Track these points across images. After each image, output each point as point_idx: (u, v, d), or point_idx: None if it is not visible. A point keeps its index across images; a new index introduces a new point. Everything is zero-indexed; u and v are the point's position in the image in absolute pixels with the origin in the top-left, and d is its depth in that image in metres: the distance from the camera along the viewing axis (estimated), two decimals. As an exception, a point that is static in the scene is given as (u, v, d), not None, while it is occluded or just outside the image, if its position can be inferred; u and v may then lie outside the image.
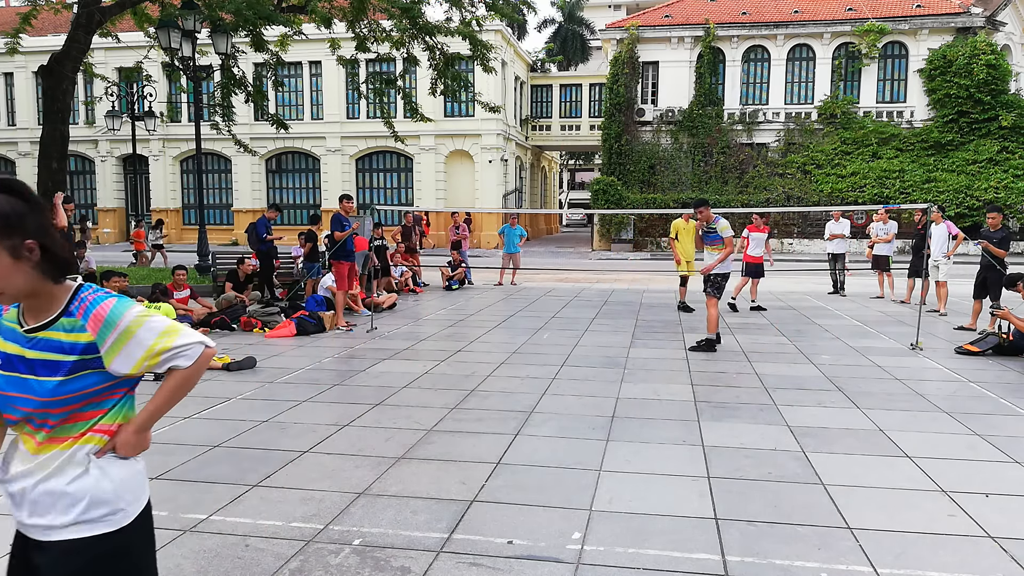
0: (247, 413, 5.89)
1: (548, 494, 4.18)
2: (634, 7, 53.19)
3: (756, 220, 12.93)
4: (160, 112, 25.01)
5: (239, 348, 8.70)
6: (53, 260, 1.77)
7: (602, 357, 8.19)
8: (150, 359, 1.82)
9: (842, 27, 29.39)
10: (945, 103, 28.11)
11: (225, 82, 16.38)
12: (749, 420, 5.72)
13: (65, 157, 13.77)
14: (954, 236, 11.85)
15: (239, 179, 33.50)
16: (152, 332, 1.83)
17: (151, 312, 1.89)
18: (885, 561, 3.38)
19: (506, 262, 16.58)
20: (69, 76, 13.55)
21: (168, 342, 1.84)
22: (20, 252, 1.71)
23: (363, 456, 4.85)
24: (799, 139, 30.00)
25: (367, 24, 15.64)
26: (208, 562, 3.38)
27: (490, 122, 30.53)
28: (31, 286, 1.76)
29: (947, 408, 6.07)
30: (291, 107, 32.55)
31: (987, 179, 27.05)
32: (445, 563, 3.37)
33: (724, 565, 3.35)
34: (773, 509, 3.97)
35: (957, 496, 4.16)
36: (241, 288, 11.60)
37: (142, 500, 1.91)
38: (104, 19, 13.95)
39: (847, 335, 9.73)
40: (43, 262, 1.76)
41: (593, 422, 5.63)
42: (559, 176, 56.30)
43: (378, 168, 33.39)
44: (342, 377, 7.26)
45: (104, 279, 8.86)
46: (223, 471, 4.55)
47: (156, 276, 14.58)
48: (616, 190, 29.39)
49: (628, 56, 30.80)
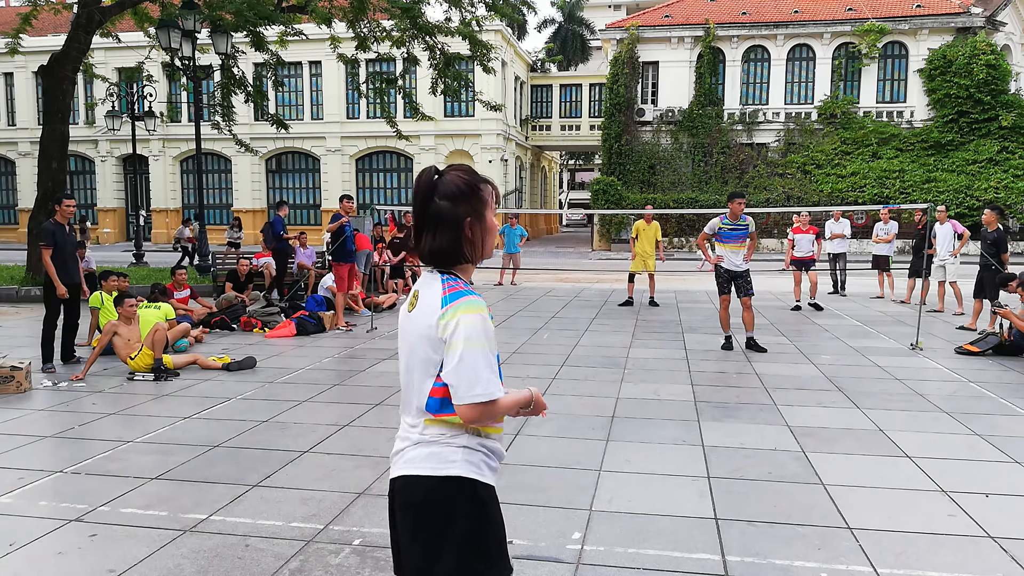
0: (247, 413, 5.89)
1: (548, 494, 4.18)
2: (634, 7, 53.14)
3: (802, 220, 12.88)
4: (160, 112, 24.99)
5: (239, 348, 8.70)
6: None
7: (602, 357, 8.19)
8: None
9: (842, 27, 29.38)
10: (945, 103, 28.10)
11: (225, 82, 16.38)
12: (749, 420, 5.72)
13: (65, 157, 13.78)
14: (959, 235, 11.81)
15: (239, 179, 33.50)
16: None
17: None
18: (885, 561, 3.38)
19: (506, 262, 16.58)
20: (69, 76, 13.55)
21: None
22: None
23: (363, 456, 4.84)
24: (799, 139, 30.00)
25: (367, 24, 15.63)
26: (208, 562, 3.38)
27: (490, 122, 30.53)
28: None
29: (947, 408, 6.07)
30: (291, 107, 32.55)
31: (987, 179, 27.05)
32: (445, 563, 3.36)
33: (724, 565, 3.35)
34: (773, 509, 3.97)
35: (957, 496, 4.16)
36: (241, 288, 11.60)
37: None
38: (104, 19, 13.95)
39: (847, 335, 9.72)
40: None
41: (593, 422, 5.63)
42: (559, 176, 56.29)
43: (378, 168, 33.39)
44: (342, 377, 7.26)
45: (103, 279, 8.86)
46: (223, 471, 4.55)
47: (156, 276, 14.58)
48: (616, 190, 29.39)
49: (628, 56, 30.79)
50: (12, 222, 35.40)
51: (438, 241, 1.87)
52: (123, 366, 7.41)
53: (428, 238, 1.88)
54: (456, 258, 1.89)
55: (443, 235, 1.86)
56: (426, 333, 1.85)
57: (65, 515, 3.90)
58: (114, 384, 6.95)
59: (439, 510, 1.85)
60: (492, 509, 1.90)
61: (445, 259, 1.89)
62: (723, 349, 8.64)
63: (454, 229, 1.86)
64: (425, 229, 1.88)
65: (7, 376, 6.51)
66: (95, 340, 8.34)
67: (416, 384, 1.90)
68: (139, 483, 4.35)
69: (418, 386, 1.89)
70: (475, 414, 1.79)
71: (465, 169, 1.93)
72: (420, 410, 1.89)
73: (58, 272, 7.52)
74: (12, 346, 8.69)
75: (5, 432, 5.40)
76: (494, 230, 1.96)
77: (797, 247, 12.75)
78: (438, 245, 1.87)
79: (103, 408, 6.09)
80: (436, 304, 1.83)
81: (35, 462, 4.75)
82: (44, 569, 3.35)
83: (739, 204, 8.49)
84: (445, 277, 1.88)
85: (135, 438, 5.23)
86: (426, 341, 1.85)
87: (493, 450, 1.93)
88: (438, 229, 1.86)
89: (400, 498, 1.91)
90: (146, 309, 8.08)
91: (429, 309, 1.85)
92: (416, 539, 1.88)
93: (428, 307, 1.86)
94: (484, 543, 1.87)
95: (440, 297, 1.83)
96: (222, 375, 7.32)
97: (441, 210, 1.85)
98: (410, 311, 1.93)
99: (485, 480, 1.89)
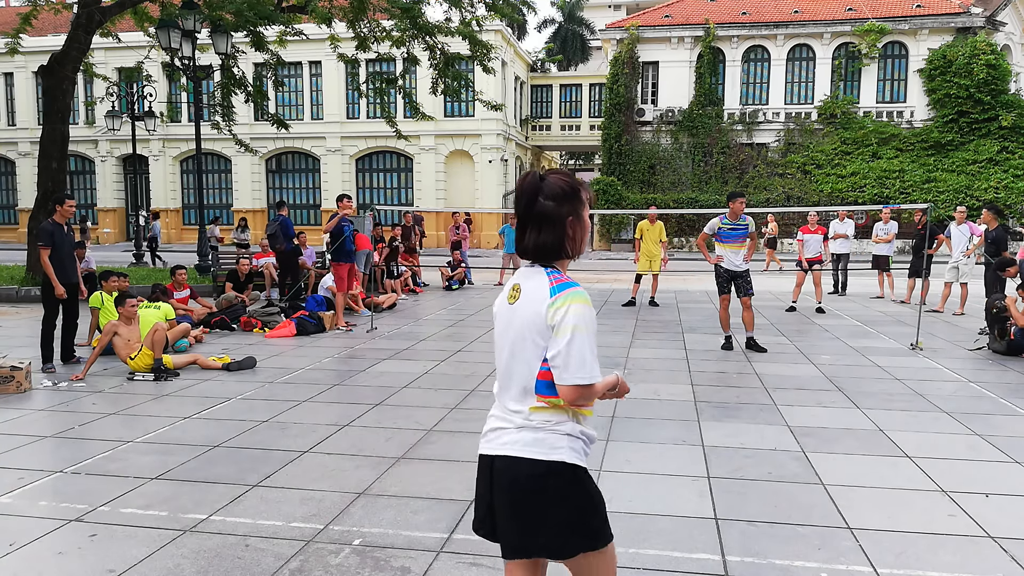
0: (247, 413, 5.89)
1: (548, 494, 4.18)
2: (634, 7, 53.12)
3: (811, 221, 12.87)
4: (160, 112, 24.99)
5: (239, 348, 8.70)
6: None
7: (602, 357, 8.15)
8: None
9: (842, 27, 29.39)
10: (945, 103, 28.11)
11: (225, 82, 16.38)
12: (749, 420, 5.72)
13: (65, 157, 13.78)
14: (977, 236, 11.77)
15: (239, 179, 33.50)
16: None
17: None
18: (885, 561, 3.38)
19: (506, 262, 16.59)
20: (69, 76, 13.55)
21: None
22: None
23: (363, 456, 4.84)
24: (799, 139, 30.01)
25: (367, 24, 15.64)
26: (208, 562, 3.38)
27: (490, 122, 30.53)
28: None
29: (947, 408, 6.07)
30: (291, 107, 32.55)
31: (987, 179, 27.06)
32: (445, 563, 3.37)
33: (724, 565, 3.35)
34: (773, 509, 3.97)
35: (957, 496, 4.16)
36: (241, 288, 11.60)
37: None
38: (104, 19, 13.95)
39: (847, 335, 9.72)
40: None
41: (593, 422, 5.62)
42: (559, 176, 56.17)
43: (378, 168, 33.39)
44: (342, 377, 7.26)
45: (103, 279, 8.86)
46: (223, 471, 4.55)
47: (156, 276, 14.58)
48: (616, 190, 29.40)
49: (628, 56, 30.80)
50: (12, 222, 35.41)
51: (543, 237, 2.05)
52: (123, 366, 7.41)
53: (532, 234, 2.07)
54: (558, 253, 2.08)
55: (547, 232, 2.05)
56: (534, 321, 2.02)
57: (65, 515, 3.90)
58: (114, 384, 6.95)
59: (544, 493, 2.02)
60: (591, 486, 2.10)
61: (548, 254, 2.07)
62: (723, 349, 8.64)
63: (557, 227, 2.04)
64: (529, 226, 2.07)
65: (7, 376, 6.51)
66: (95, 340, 8.34)
67: (521, 369, 2.06)
68: (139, 483, 4.35)
69: (524, 371, 2.05)
70: (576, 395, 1.97)
71: (565, 173, 2.11)
72: (526, 392, 2.05)
73: (56, 272, 7.52)
74: (12, 346, 8.70)
75: (5, 432, 5.40)
76: (588, 229, 2.14)
77: (807, 247, 12.73)
78: (542, 241, 2.06)
79: (103, 408, 6.09)
80: (544, 294, 2.01)
81: (35, 462, 4.75)
82: (44, 569, 3.34)
83: (740, 204, 8.48)
84: (549, 270, 2.07)
85: (135, 438, 5.23)
86: (534, 329, 2.02)
87: (590, 437, 2.15)
88: (543, 227, 2.05)
89: (504, 478, 2.07)
90: (146, 309, 8.08)
91: (537, 299, 2.02)
92: (517, 518, 2.04)
93: (535, 297, 2.03)
94: (584, 520, 2.05)
95: (548, 288, 2.01)
96: (222, 375, 7.32)
97: (546, 209, 2.04)
98: (512, 302, 2.10)
99: (583, 464, 2.09)
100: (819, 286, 12.32)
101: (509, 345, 2.09)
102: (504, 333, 2.12)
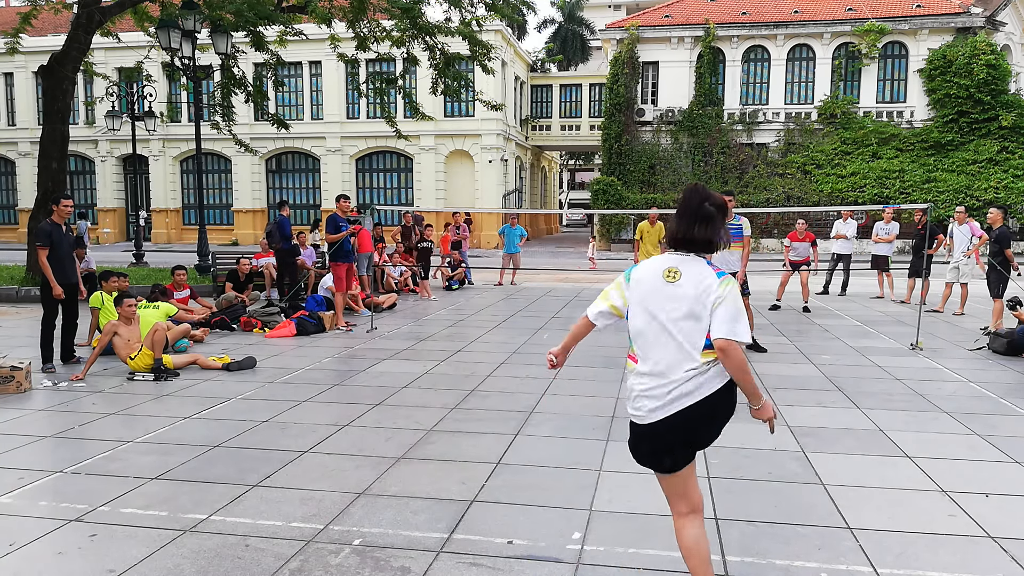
0: (247, 413, 5.89)
1: (548, 494, 4.18)
2: (634, 7, 53.15)
3: (799, 229, 12.74)
4: (160, 112, 24.97)
5: (239, 348, 8.70)
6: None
7: (602, 357, 8.19)
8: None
9: (842, 27, 29.38)
10: (945, 103, 28.10)
11: (225, 82, 16.37)
12: (749, 420, 5.70)
13: (65, 157, 13.77)
14: (978, 237, 11.76)
15: (239, 179, 33.49)
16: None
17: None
18: (885, 561, 3.38)
19: (506, 262, 16.58)
20: (69, 76, 13.54)
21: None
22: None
23: (363, 456, 4.85)
24: (799, 139, 30.00)
25: (367, 24, 15.63)
26: (208, 562, 3.38)
27: (490, 122, 30.53)
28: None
29: (947, 408, 6.07)
30: (291, 107, 32.54)
31: (987, 179, 27.05)
32: (445, 563, 3.37)
33: (724, 565, 3.35)
34: (773, 509, 3.97)
35: (957, 496, 4.16)
36: (241, 288, 11.60)
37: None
38: (104, 19, 13.95)
39: (847, 335, 9.72)
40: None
41: (593, 422, 5.63)
42: (559, 176, 56.29)
43: (378, 168, 33.38)
44: (342, 377, 7.26)
45: (103, 279, 8.86)
46: (223, 471, 4.55)
47: (156, 276, 14.58)
48: (616, 190, 29.39)
49: (628, 56, 30.79)
50: (12, 222, 35.40)
51: (707, 233, 2.77)
52: (123, 366, 7.41)
53: (700, 229, 2.77)
54: (713, 247, 2.81)
55: (710, 230, 2.77)
56: (700, 298, 2.70)
57: (65, 515, 3.90)
58: (114, 384, 6.95)
59: (726, 402, 2.83)
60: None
61: (707, 246, 2.80)
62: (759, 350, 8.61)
63: (716, 226, 2.77)
64: (697, 223, 2.77)
65: (7, 376, 6.51)
66: (95, 340, 8.34)
67: (685, 334, 2.72)
68: (139, 483, 4.35)
69: (687, 336, 2.71)
70: (732, 347, 2.65)
71: (713, 190, 2.96)
72: (695, 349, 2.71)
73: (54, 272, 7.51)
74: (12, 346, 8.70)
75: (5, 432, 5.40)
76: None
77: (793, 252, 12.71)
78: (707, 235, 2.77)
79: (103, 408, 6.09)
80: (711, 280, 2.71)
81: (35, 462, 4.75)
82: (44, 569, 3.35)
83: (730, 203, 8.46)
84: (707, 261, 2.80)
85: (135, 438, 5.23)
86: (699, 304, 2.69)
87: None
88: (709, 225, 2.77)
89: (702, 409, 2.77)
90: (145, 309, 8.08)
91: (702, 282, 2.72)
92: (713, 423, 2.86)
93: (700, 281, 2.72)
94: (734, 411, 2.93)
95: (714, 275, 2.72)
96: (222, 375, 7.32)
97: (710, 212, 2.77)
98: (673, 281, 2.76)
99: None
100: (806, 286, 12.27)
101: (667, 315, 2.76)
102: (663, 304, 2.77)
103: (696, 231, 2.77)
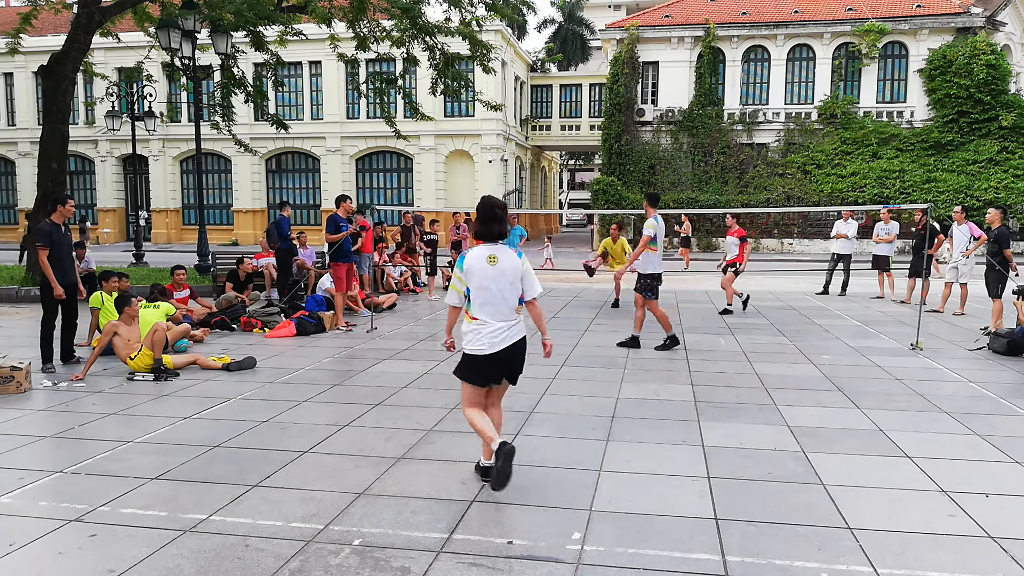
0: (247, 413, 5.89)
1: (548, 494, 4.18)
2: (634, 7, 53.17)
3: (729, 223, 12.33)
4: (160, 112, 24.98)
5: (239, 348, 8.70)
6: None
7: (602, 357, 8.19)
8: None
9: (842, 27, 29.40)
10: (945, 103, 28.11)
11: (225, 82, 16.37)
12: (749, 420, 5.72)
13: (65, 157, 13.77)
14: (976, 237, 11.75)
15: (239, 179, 33.50)
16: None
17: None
18: (885, 561, 3.38)
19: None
20: (69, 76, 13.54)
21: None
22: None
23: (363, 456, 4.85)
24: (799, 139, 30.01)
25: (367, 24, 15.63)
26: (208, 562, 3.38)
27: (490, 122, 30.53)
28: None
29: (947, 408, 6.07)
30: (291, 107, 32.55)
31: (987, 179, 27.06)
32: (445, 563, 3.37)
33: (724, 565, 3.35)
34: (773, 509, 3.97)
35: (957, 496, 4.16)
36: (241, 288, 11.60)
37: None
38: (104, 19, 13.94)
39: (847, 335, 9.72)
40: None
41: (593, 422, 5.63)
42: (559, 176, 56.29)
43: (378, 168, 33.39)
44: (342, 377, 7.26)
45: (103, 280, 8.85)
46: (223, 471, 4.55)
47: (156, 276, 14.58)
48: (616, 190, 29.39)
49: (628, 56, 30.80)
50: (12, 222, 35.40)
51: (500, 228, 4.22)
52: (123, 366, 7.41)
53: (496, 226, 4.21)
54: (503, 236, 4.20)
55: (500, 225, 4.21)
56: (515, 272, 4.22)
57: (65, 515, 3.90)
58: (114, 384, 6.95)
59: (524, 345, 4.27)
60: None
61: (500, 236, 4.23)
62: (670, 347, 8.65)
63: (503, 223, 4.24)
64: (493, 222, 4.20)
65: (7, 376, 6.51)
66: (95, 340, 8.34)
67: (507, 297, 4.20)
68: (139, 483, 4.35)
69: (510, 298, 4.21)
70: (535, 301, 4.32)
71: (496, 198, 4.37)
72: (513, 306, 4.21)
73: (55, 272, 7.51)
74: (12, 346, 8.70)
75: (5, 432, 5.40)
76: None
77: (726, 249, 12.28)
78: (500, 230, 4.22)
79: (103, 408, 6.09)
80: (517, 261, 4.23)
81: (35, 462, 4.75)
82: (44, 569, 3.35)
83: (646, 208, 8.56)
84: (503, 245, 4.21)
85: (135, 438, 5.23)
86: (515, 276, 4.22)
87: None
88: (499, 223, 4.21)
89: (519, 346, 4.24)
90: (145, 309, 8.08)
91: (512, 262, 4.21)
92: (521, 357, 4.28)
93: (510, 261, 4.21)
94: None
95: (515, 256, 4.23)
96: (222, 375, 7.32)
97: (498, 214, 4.20)
98: (494, 264, 4.16)
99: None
100: (728, 288, 11.69)
101: (501, 285, 4.15)
102: (497, 279, 4.13)
103: (493, 227, 4.17)
